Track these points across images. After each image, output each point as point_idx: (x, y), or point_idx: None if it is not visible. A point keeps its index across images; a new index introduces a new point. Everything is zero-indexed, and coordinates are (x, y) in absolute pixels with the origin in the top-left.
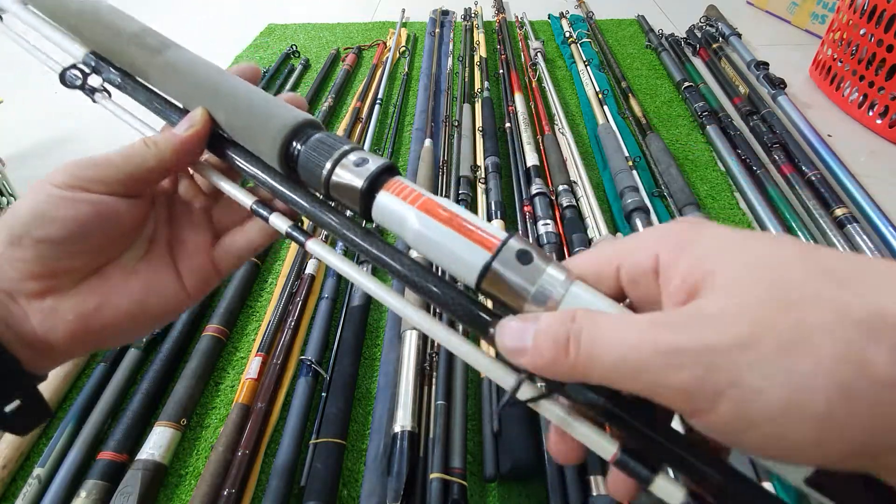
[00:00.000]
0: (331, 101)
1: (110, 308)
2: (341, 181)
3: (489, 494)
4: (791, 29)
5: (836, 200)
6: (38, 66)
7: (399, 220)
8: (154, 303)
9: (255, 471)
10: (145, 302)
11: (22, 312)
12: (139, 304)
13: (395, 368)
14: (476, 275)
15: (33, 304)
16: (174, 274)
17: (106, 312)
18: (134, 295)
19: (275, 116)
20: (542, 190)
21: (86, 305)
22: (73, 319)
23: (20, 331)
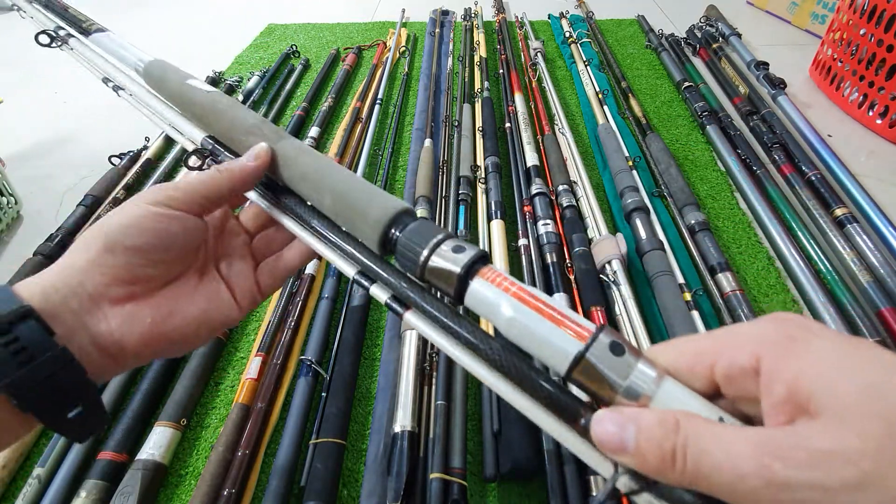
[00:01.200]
0: (331, 101)
1: (180, 315)
2: (438, 266)
3: (489, 494)
4: (791, 29)
5: (836, 200)
6: (38, 67)
7: (492, 306)
8: (215, 313)
9: (255, 471)
10: (208, 312)
11: (102, 315)
12: (204, 313)
13: (395, 368)
14: (568, 363)
15: (115, 308)
16: (229, 291)
17: (177, 319)
18: (200, 304)
19: (375, 206)
20: (542, 190)
21: (161, 311)
22: (149, 322)
23: (95, 332)
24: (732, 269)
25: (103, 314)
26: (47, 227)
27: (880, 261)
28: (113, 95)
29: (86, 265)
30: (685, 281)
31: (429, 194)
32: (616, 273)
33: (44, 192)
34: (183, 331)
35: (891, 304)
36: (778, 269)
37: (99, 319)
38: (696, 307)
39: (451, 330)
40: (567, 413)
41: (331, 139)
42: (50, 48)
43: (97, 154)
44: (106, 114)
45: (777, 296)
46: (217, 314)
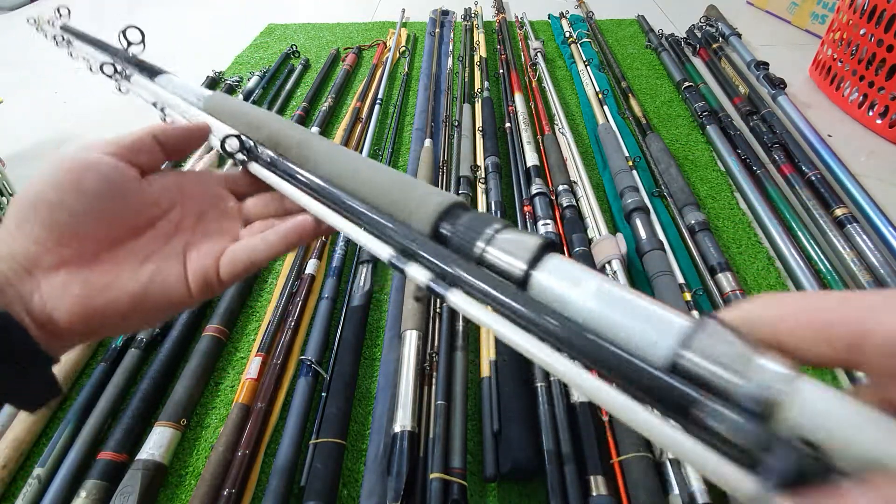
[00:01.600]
0: (331, 101)
1: (116, 289)
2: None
3: (489, 494)
4: (791, 29)
5: (836, 200)
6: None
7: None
8: (158, 293)
9: (255, 471)
10: (149, 289)
11: (35, 285)
12: (144, 291)
13: (395, 368)
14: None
15: (48, 277)
16: (182, 271)
17: (111, 293)
18: (141, 280)
19: (423, 201)
20: (542, 190)
21: (94, 282)
22: (78, 294)
23: (29, 303)
24: (732, 269)
25: (36, 283)
26: None
27: (880, 261)
28: (112, 95)
29: (14, 230)
30: (685, 281)
31: None
32: (616, 273)
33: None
34: (118, 308)
35: None
36: (778, 269)
37: (32, 289)
38: (697, 307)
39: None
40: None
41: (331, 139)
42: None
43: None
44: (106, 114)
45: None
46: (161, 293)
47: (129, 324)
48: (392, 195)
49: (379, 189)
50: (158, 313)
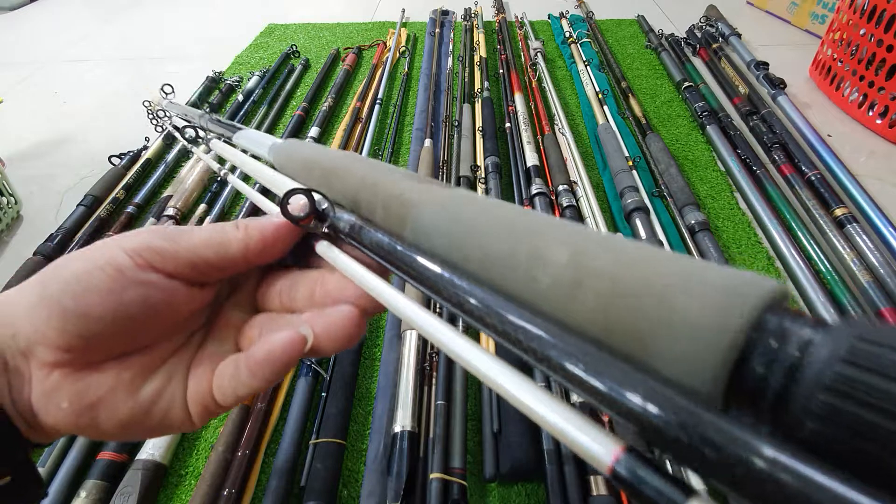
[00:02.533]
0: (331, 101)
1: (106, 410)
2: None
3: (489, 494)
4: (791, 29)
5: (836, 200)
6: (38, 67)
7: None
8: (157, 419)
9: (255, 471)
10: (149, 415)
11: (27, 376)
12: (141, 414)
13: (395, 368)
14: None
15: (40, 372)
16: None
17: (100, 413)
18: (139, 403)
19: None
20: (542, 190)
21: (84, 398)
22: (66, 408)
23: (16, 394)
24: None
25: (28, 376)
26: (47, 227)
27: (880, 261)
28: (112, 96)
29: (24, 312)
30: None
31: None
32: None
33: (44, 192)
34: (104, 428)
35: (891, 304)
36: (778, 269)
37: (23, 381)
38: None
39: None
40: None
41: (331, 139)
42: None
43: (97, 154)
44: (106, 114)
45: None
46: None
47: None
48: (625, 281)
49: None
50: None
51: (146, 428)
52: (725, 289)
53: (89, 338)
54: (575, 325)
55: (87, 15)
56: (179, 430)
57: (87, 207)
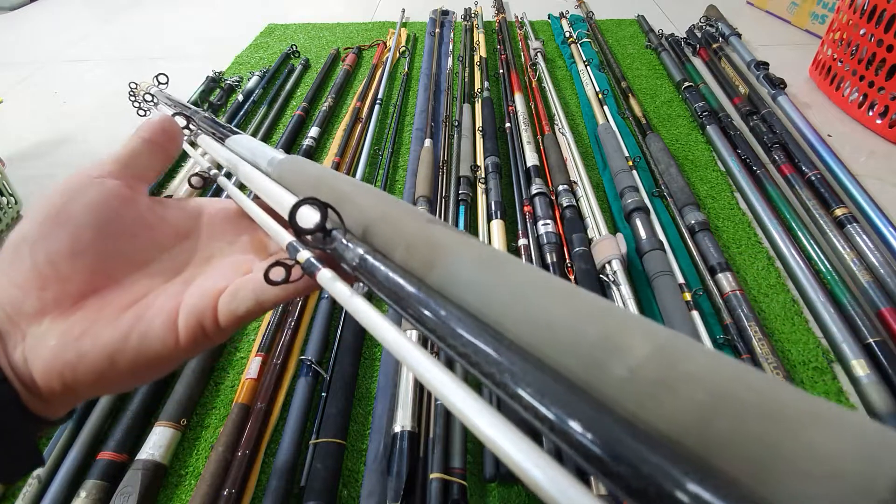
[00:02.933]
0: (331, 101)
1: (90, 338)
2: None
3: (489, 494)
4: (791, 29)
5: (836, 200)
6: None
7: None
8: (135, 342)
9: (255, 471)
10: (127, 338)
11: (19, 336)
12: (121, 340)
13: (395, 368)
14: None
15: (31, 327)
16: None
17: (84, 342)
18: (119, 328)
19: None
20: (542, 190)
21: (71, 331)
22: (52, 346)
23: (11, 358)
24: (732, 269)
25: (21, 334)
26: None
27: (880, 261)
28: (113, 96)
29: (1, 274)
30: (685, 281)
31: (429, 194)
32: (616, 273)
33: (44, 192)
34: (91, 362)
35: (891, 304)
36: (778, 269)
37: (17, 341)
38: (696, 307)
39: None
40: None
41: (331, 139)
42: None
43: (97, 154)
44: (106, 114)
45: (777, 296)
46: (138, 344)
47: (107, 382)
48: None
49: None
50: (139, 370)
51: (129, 360)
52: (870, 435)
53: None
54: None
55: (87, 15)
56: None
57: None
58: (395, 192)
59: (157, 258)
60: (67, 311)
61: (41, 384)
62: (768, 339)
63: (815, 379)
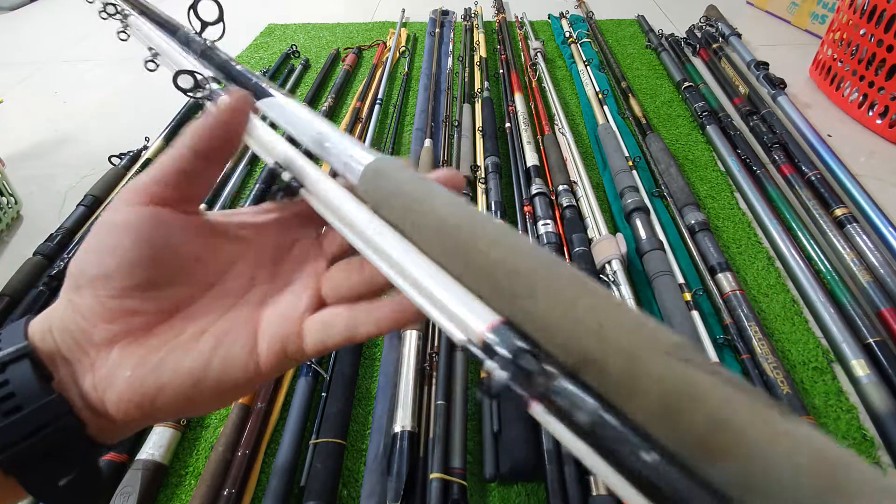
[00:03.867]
0: (331, 101)
1: (169, 367)
2: None
3: (489, 494)
4: (791, 29)
5: (836, 200)
6: (38, 67)
7: None
8: (217, 369)
9: (255, 471)
10: (209, 365)
11: (89, 364)
12: (202, 368)
13: (395, 368)
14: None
15: (101, 355)
16: (251, 338)
17: (164, 372)
18: (200, 354)
19: None
20: (541, 190)
21: (146, 362)
22: (129, 376)
23: (82, 385)
24: (732, 269)
25: (90, 362)
26: (47, 227)
27: (880, 261)
28: (113, 96)
29: (66, 301)
30: (685, 281)
31: None
32: (616, 273)
33: (44, 192)
34: (173, 391)
35: (891, 304)
36: (778, 269)
37: (86, 369)
38: (696, 307)
39: None
40: None
41: None
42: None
43: (97, 154)
44: (106, 114)
45: (777, 296)
46: (220, 370)
47: (188, 409)
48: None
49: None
50: (222, 395)
51: (212, 386)
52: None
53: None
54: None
55: (87, 15)
56: (248, 384)
57: (87, 207)
58: None
59: (220, 280)
60: (138, 340)
61: (114, 412)
62: (768, 339)
63: (814, 379)
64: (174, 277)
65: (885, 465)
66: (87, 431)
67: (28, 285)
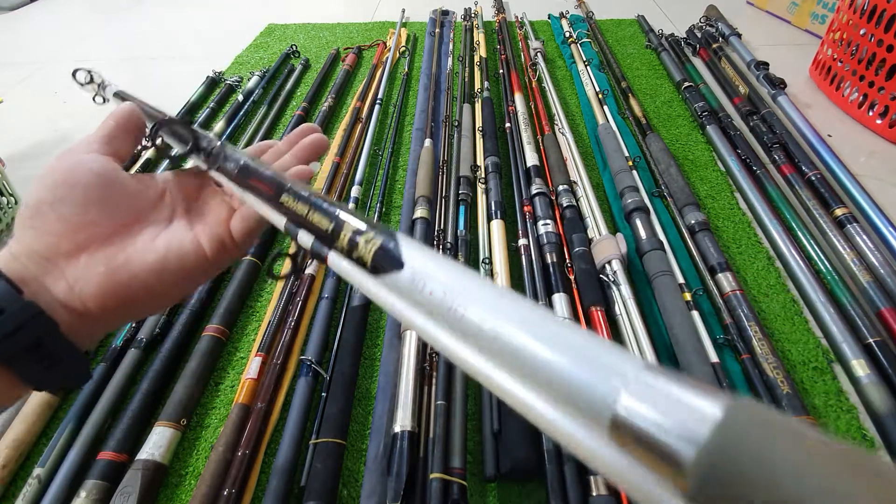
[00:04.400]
0: (331, 101)
1: (137, 262)
2: None
3: (489, 494)
4: (791, 29)
5: (836, 200)
6: (38, 67)
7: None
8: (175, 260)
9: (255, 471)
10: (167, 258)
11: (59, 273)
12: (163, 259)
13: (395, 368)
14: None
15: (69, 263)
16: (194, 238)
17: (134, 266)
18: (157, 250)
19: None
20: (542, 190)
21: (115, 259)
22: (103, 271)
23: (55, 291)
24: (732, 269)
25: (60, 271)
26: None
27: (880, 261)
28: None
29: (27, 230)
30: (685, 281)
31: (429, 194)
32: (616, 273)
33: None
34: (144, 279)
35: (891, 304)
36: (778, 269)
37: (56, 277)
38: (696, 307)
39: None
40: None
41: (331, 139)
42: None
43: None
44: (106, 114)
45: (777, 296)
46: (179, 260)
47: (156, 295)
48: None
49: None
50: (182, 281)
51: (172, 274)
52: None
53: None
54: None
55: (87, 15)
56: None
57: None
58: (395, 192)
59: (153, 209)
60: (101, 246)
61: (94, 304)
62: (768, 339)
63: (815, 379)
64: (118, 200)
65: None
66: (61, 329)
67: None
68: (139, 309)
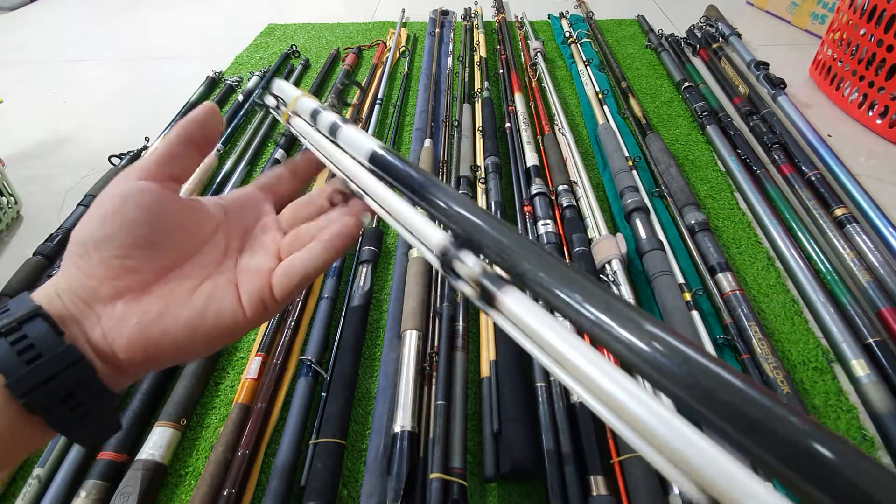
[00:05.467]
0: (331, 100)
1: (170, 317)
2: None
3: (489, 494)
4: (791, 29)
5: (836, 200)
6: (38, 67)
7: None
8: (212, 319)
9: (255, 471)
10: (204, 315)
11: (95, 318)
12: (199, 317)
13: (395, 368)
14: None
15: (106, 309)
16: (235, 294)
17: (166, 321)
18: (195, 307)
19: None
20: (541, 190)
21: (149, 312)
22: (135, 325)
23: (91, 337)
24: (732, 269)
25: (97, 317)
26: (47, 227)
27: (880, 261)
28: (112, 96)
29: (72, 267)
30: (685, 281)
31: None
32: (616, 273)
33: (44, 192)
34: (174, 337)
35: (891, 304)
36: (778, 269)
37: (93, 323)
38: (696, 307)
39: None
40: None
41: None
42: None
43: (97, 154)
44: (106, 114)
45: (777, 296)
46: (214, 319)
47: (186, 352)
48: None
49: None
50: (214, 340)
51: (206, 332)
52: None
53: (126, 258)
54: None
55: (87, 15)
56: (236, 330)
57: (87, 207)
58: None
59: (201, 249)
60: (139, 295)
61: (123, 357)
62: (768, 339)
63: (814, 379)
64: (167, 241)
65: (885, 466)
66: (98, 376)
67: (28, 285)
68: (165, 363)
